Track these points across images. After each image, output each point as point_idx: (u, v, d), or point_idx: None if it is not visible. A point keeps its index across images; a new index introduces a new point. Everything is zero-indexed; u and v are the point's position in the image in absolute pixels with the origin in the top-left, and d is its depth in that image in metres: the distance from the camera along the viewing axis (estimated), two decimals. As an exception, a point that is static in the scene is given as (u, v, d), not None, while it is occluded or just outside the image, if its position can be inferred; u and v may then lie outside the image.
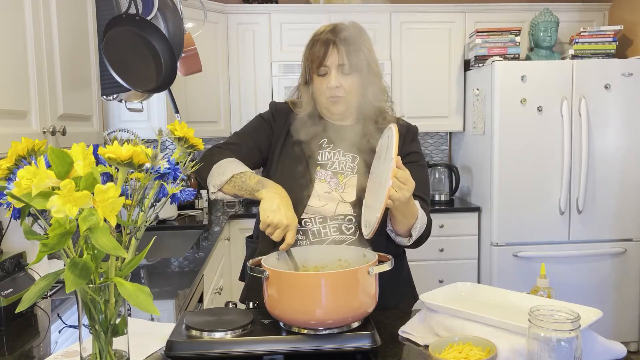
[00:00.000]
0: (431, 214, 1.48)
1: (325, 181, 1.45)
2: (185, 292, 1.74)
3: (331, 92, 1.43)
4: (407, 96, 3.70)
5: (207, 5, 3.23)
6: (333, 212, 1.42)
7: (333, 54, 1.41)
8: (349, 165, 1.48)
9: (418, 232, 1.38)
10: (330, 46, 1.41)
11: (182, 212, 3.42)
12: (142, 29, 1.89)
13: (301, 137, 1.48)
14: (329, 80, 1.42)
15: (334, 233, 1.41)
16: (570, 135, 3.23)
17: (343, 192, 1.44)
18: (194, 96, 3.40)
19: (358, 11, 3.62)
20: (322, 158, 1.49)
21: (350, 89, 1.43)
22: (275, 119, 1.54)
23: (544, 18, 3.48)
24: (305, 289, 1.08)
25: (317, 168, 1.47)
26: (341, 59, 1.41)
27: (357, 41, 1.43)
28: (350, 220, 1.42)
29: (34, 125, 1.43)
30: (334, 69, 1.42)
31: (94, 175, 0.78)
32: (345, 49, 1.41)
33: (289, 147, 1.50)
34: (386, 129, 1.32)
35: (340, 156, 1.49)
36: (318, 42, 1.43)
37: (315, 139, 1.49)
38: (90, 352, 0.90)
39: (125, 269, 0.87)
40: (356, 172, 1.46)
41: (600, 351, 1.06)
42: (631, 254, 3.36)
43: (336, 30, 1.43)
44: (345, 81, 1.42)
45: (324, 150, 1.49)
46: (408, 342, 1.19)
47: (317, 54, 1.42)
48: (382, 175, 1.25)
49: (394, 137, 1.19)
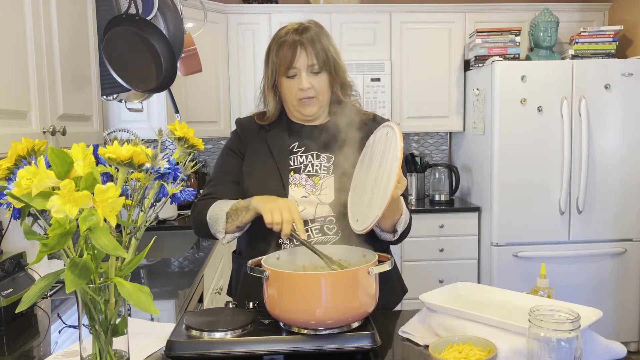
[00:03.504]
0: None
1: (301, 185, 1.44)
2: (185, 292, 1.74)
3: (303, 94, 1.42)
4: (407, 96, 3.70)
5: (207, 5, 3.22)
6: (313, 215, 1.41)
7: (302, 55, 1.41)
8: (324, 165, 1.47)
9: (402, 226, 1.38)
10: (298, 47, 1.41)
11: (182, 212, 3.42)
12: (142, 29, 1.89)
13: (270, 146, 1.48)
14: (300, 81, 1.41)
15: (317, 235, 1.40)
16: (570, 135, 3.23)
17: (320, 194, 1.43)
18: (194, 96, 3.40)
19: (358, 11, 3.62)
20: (295, 162, 1.47)
21: (321, 88, 1.43)
22: (243, 138, 1.53)
23: (544, 18, 3.48)
24: (305, 289, 1.08)
25: (290, 173, 1.46)
26: (310, 60, 1.41)
27: (322, 40, 1.43)
28: (331, 221, 1.41)
29: (34, 125, 1.43)
30: (303, 71, 1.41)
31: (94, 175, 0.78)
32: (313, 49, 1.41)
33: (259, 159, 1.48)
34: (382, 126, 1.31)
35: (314, 158, 1.47)
36: (284, 44, 1.42)
37: (285, 145, 1.48)
38: (90, 352, 0.90)
39: (125, 269, 0.87)
40: (332, 172, 1.45)
41: (600, 351, 1.06)
42: (631, 254, 3.36)
43: (300, 31, 1.43)
44: (315, 81, 1.42)
45: (295, 154, 1.48)
46: (408, 342, 1.19)
47: (285, 56, 1.41)
48: (380, 173, 1.24)
49: (397, 136, 1.19)
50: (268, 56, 1.47)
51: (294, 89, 1.43)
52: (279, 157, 1.46)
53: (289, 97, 1.45)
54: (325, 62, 1.42)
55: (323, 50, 1.42)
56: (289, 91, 1.44)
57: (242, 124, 1.56)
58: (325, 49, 1.42)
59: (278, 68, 1.43)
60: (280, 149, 1.48)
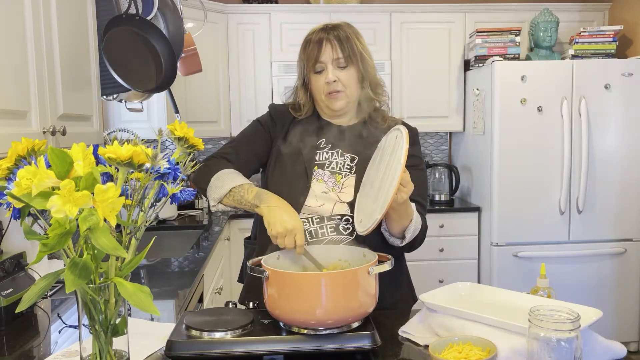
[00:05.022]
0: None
1: (323, 181, 1.46)
2: (185, 292, 1.74)
3: (330, 87, 1.44)
4: (407, 96, 3.70)
5: (207, 5, 3.23)
6: (330, 212, 1.42)
7: (327, 49, 1.43)
8: (347, 165, 1.48)
9: (411, 234, 1.38)
10: (323, 42, 1.44)
11: (182, 212, 3.42)
12: (142, 29, 1.89)
13: (299, 139, 1.49)
14: (327, 75, 1.43)
15: (331, 233, 1.41)
16: (570, 135, 3.23)
17: (340, 192, 1.44)
18: (194, 96, 3.40)
19: (358, 11, 3.62)
20: (320, 158, 1.49)
21: (348, 82, 1.44)
22: (275, 122, 1.54)
23: (544, 18, 3.48)
24: (305, 289, 1.08)
25: (314, 168, 1.47)
26: (336, 53, 1.43)
27: (349, 35, 1.45)
28: (347, 221, 1.42)
29: (34, 125, 1.43)
30: (330, 64, 1.43)
31: (94, 175, 0.78)
32: (339, 43, 1.43)
33: (287, 149, 1.50)
34: (393, 129, 1.32)
35: (339, 156, 1.49)
36: (311, 42, 1.46)
37: (313, 140, 1.50)
38: (90, 352, 0.90)
39: (125, 269, 0.87)
40: (355, 172, 1.46)
41: (600, 351, 1.06)
42: (631, 254, 3.35)
43: (328, 28, 1.46)
44: (342, 74, 1.44)
45: (321, 150, 1.50)
46: (408, 342, 1.19)
47: (312, 52, 1.45)
48: (385, 176, 1.24)
49: (404, 140, 1.19)
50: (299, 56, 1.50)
51: (321, 83, 1.45)
52: (306, 151, 1.48)
53: (317, 92, 1.48)
54: (351, 56, 1.43)
55: (349, 45, 1.44)
56: (317, 86, 1.47)
57: (277, 109, 1.58)
58: (351, 43, 1.44)
59: (306, 64, 1.47)
60: (309, 143, 1.49)
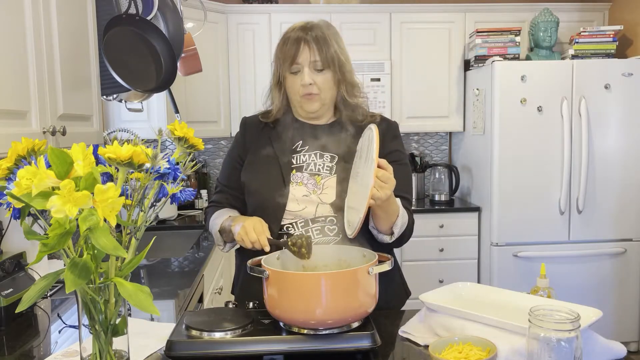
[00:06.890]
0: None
1: (303, 184, 1.44)
2: (185, 292, 1.74)
3: (305, 90, 1.42)
4: (407, 96, 3.70)
5: (207, 5, 3.22)
6: (313, 215, 1.41)
7: (305, 50, 1.41)
8: (327, 165, 1.46)
9: (399, 229, 1.37)
10: (301, 43, 1.41)
11: (182, 212, 3.42)
12: (142, 29, 1.89)
13: (273, 144, 1.48)
14: (302, 77, 1.41)
15: (317, 235, 1.40)
16: (570, 135, 3.23)
17: (321, 193, 1.43)
18: (194, 96, 3.40)
19: (358, 11, 3.62)
20: (298, 161, 1.47)
21: (324, 86, 1.43)
22: (246, 137, 1.54)
23: (544, 18, 3.48)
24: (305, 289, 1.08)
25: (292, 172, 1.46)
26: (313, 56, 1.41)
27: (328, 38, 1.43)
28: (331, 222, 1.41)
29: (34, 125, 1.43)
30: (306, 66, 1.41)
31: (94, 175, 0.78)
32: (317, 45, 1.41)
33: (261, 157, 1.49)
34: (366, 128, 1.31)
35: (317, 158, 1.47)
36: (289, 40, 1.43)
37: (288, 143, 1.49)
38: (90, 352, 0.90)
39: (125, 269, 0.87)
40: (335, 172, 1.45)
41: (600, 351, 1.06)
42: (631, 254, 3.35)
43: (307, 28, 1.44)
44: (318, 78, 1.42)
45: (298, 153, 1.48)
46: (408, 342, 1.19)
47: (289, 52, 1.42)
48: (363, 176, 1.24)
49: (374, 138, 1.19)
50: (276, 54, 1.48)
51: (297, 84, 1.43)
52: (282, 155, 1.47)
53: (293, 93, 1.46)
54: (329, 60, 1.41)
55: (327, 48, 1.41)
56: (292, 87, 1.45)
57: (245, 123, 1.58)
58: (330, 47, 1.42)
59: (282, 63, 1.44)
60: (283, 147, 1.48)
